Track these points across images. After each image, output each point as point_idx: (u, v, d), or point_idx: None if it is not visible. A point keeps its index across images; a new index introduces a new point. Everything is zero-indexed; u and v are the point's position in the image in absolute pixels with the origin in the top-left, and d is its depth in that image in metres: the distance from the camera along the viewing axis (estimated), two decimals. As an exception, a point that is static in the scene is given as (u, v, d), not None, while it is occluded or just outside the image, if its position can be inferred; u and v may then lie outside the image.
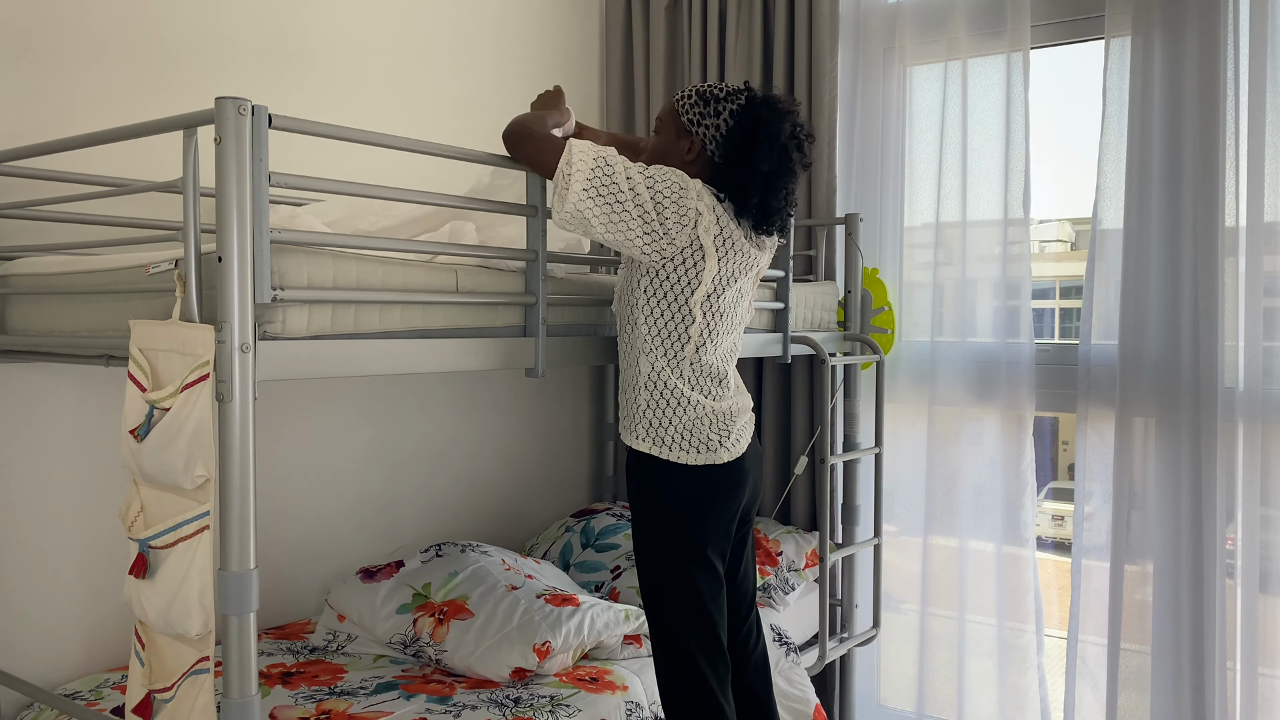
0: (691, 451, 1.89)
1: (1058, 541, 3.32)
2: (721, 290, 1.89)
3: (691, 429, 1.89)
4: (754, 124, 1.88)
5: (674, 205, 1.81)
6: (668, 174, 1.83)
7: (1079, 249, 3.07)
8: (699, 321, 1.88)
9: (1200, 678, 2.57)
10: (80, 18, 2.17)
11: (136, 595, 1.55)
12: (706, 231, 1.84)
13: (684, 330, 1.88)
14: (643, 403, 1.91)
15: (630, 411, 1.93)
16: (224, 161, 1.41)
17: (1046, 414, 2.98)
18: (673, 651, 1.90)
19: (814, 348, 2.68)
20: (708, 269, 1.85)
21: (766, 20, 3.15)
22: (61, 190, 2.12)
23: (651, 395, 1.90)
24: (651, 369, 1.90)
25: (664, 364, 1.89)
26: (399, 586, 2.40)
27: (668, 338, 1.88)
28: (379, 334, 1.68)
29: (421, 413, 2.93)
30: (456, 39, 2.98)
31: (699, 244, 1.84)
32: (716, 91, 1.93)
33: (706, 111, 1.92)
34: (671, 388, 1.89)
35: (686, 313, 1.87)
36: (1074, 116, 2.93)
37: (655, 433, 1.90)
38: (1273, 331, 2.49)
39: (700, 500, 1.90)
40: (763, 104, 1.90)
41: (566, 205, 1.77)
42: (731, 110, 1.90)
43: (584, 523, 2.94)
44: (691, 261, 1.85)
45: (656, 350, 1.89)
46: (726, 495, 1.92)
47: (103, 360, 1.77)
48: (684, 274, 1.85)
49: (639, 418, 1.91)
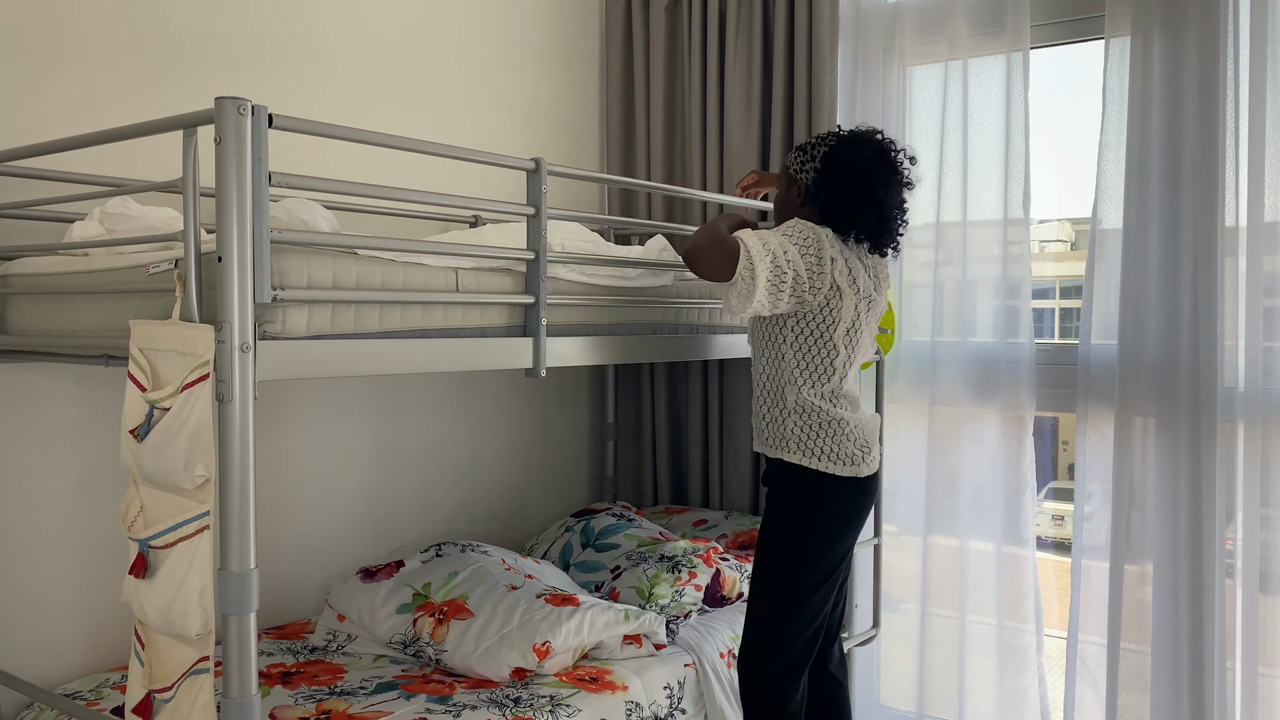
0: (839, 464, 2.08)
1: (1058, 541, 3.32)
2: (856, 322, 2.09)
3: (839, 445, 2.08)
4: (838, 157, 2.09)
5: (815, 260, 2.02)
6: (802, 232, 2.04)
7: (1079, 249, 3.07)
8: (842, 354, 2.09)
9: (1200, 677, 2.56)
10: (80, 18, 2.17)
11: (136, 595, 1.55)
12: (841, 274, 2.05)
13: (830, 363, 2.08)
14: (792, 424, 2.10)
15: (778, 432, 2.12)
16: (224, 161, 1.41)
17: (1046, 414, 2.98)
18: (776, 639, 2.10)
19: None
20: (845, 306, 2.07)
21: (766, 20, 3.15)
22: (61, 190, 2.12)
23: (801, 418, 2.09)
24: (798, 396, 2.09)
25: (810, 393, 2.09)
26: (399, 586, 2.40)
27: (815, 370, 2.08)
28: (379, 334, 1.68)
29: (421, 413, 2.93)
30: (456, 39, 2.98)
31: (836, 286, 2.05)
32: (812, 140, 2.15)
33: (805, 159, 2.14)
34: (822, 411, 2.09)
35: (831, 347, 2.08)
36: (1074, 116, 2.93)
37: (806, 448, 2.09)
38: (1273, 331, 2.49)
39: (843, 507, 2.10)
40: (846, 139, 2.11)
41: (751, 307, 2.03)
42: (823, 153, 2.11)
43: (584, 523, 2.94)
44: (833, 304, 2.05)
45: (802, 380, 2.09)
46: (863, 505, 2.14)
47: (103, 360, 1.77)
48: (827, 314, 2.06)
49: (789, 437, 2.10)
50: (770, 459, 2.16)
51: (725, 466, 3.28)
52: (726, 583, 2.63)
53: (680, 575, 2.59)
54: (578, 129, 3.40)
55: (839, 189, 2.07)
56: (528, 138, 3.21)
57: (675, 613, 2.53)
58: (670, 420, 3.39)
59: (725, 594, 2.62)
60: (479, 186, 3.04)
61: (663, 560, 2.65)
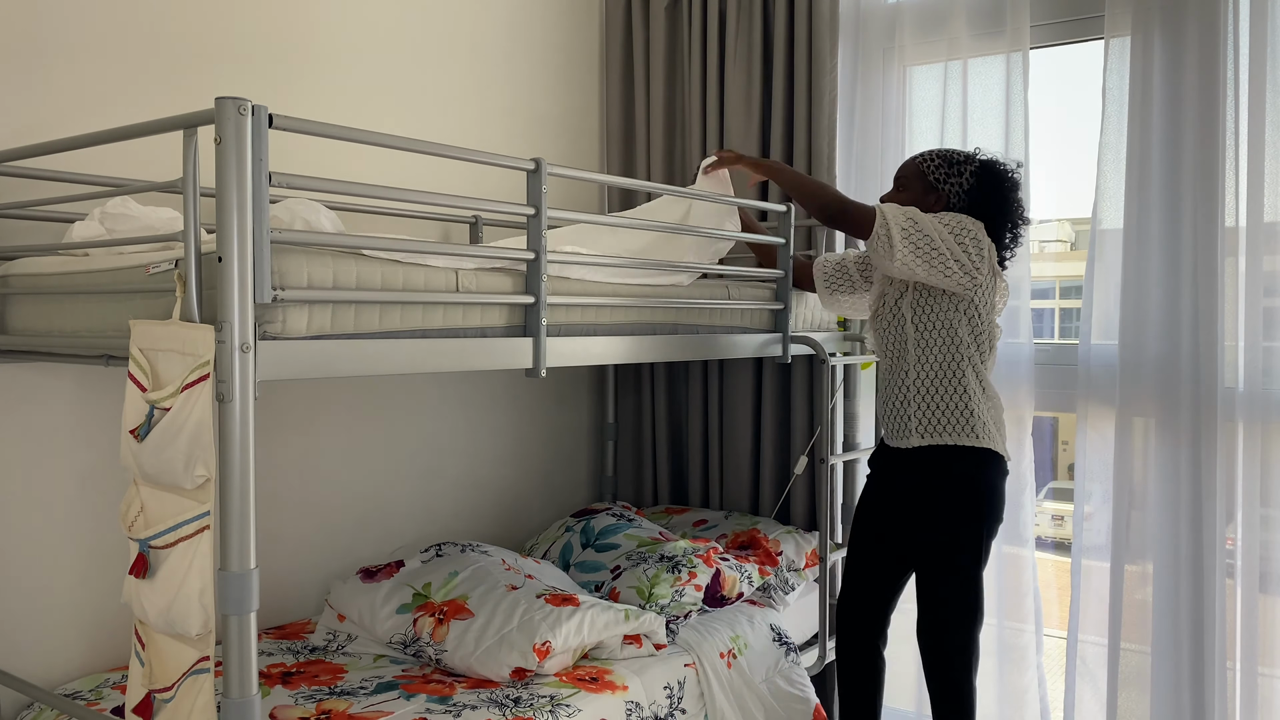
0: (999, 441, 2.28)
1: (1058, 541, 3.32)
2: (997, 309, 2.32)
3: (997, 421, 2.29)
4: (993, 180, 2.30)
5: (974, 244, 2.21)
6: (962, 220, 2.23)
7: (1079, 249, 3.07)
8: (996, 335, 2.30)
9: (1200, 677, 2.57)
10: (80, 18, 2.17)
11: (136, 595, 1.55)
12: (994, 263, 2.27)
13: (988, 342, 2.29)
14: (954, 404, 2.26)
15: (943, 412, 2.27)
16: (224, 161, 1.41)
17: (1046, 414, 2.98)
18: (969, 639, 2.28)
19: (814, 347, 2.68)
20: (999, 291, 2.31)
21: (766, 20, 3.15)
22: (61, 190, 2.12)
23: (963, 396, 2.26)
24: (978, 375, 2.27)
25: (971, 371, 2.27)
26: (399, 586, 2.40)
27: (978, 349, 2.27)
28: (379, 334, 1.68)
29: (421, 413, 2.93)
30: (456, 39, 2.98)
31: (996, 272, 2.28)
32: (955, 155, 2.34)
33: (951, 172, 2.33)
34: (985, 387, 2.29)
35: (989, 326, 2.29)
36: (1074, 117, 2.93)
37: (974, 426, 2.25)
38: (1273, 331, 2.49)
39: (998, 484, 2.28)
40: (993, 164, 2.33)
41: (895, 261, 2.21)
42: (971, 170, 2.32)
43: (584, 523, 2.94)
44: (990, 287, 2.27)
45: (967, 358, 2.26)
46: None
47: (103, 360, 1.77)
48: (986, 297, 2.27)
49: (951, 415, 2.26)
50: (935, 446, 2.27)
51: (725, 466, 3.28)
52: (726, 583, 2.63)
53: (680, 575, 2.59)
54: (578, 129, 3.40)
55: (991, 208, 2.29)
56: (528, 138, 3.21)
57: (675, 613, 2.53)
58: (670, 420, 3.39)
59: (725, 594, 2.62)
60: (479, 187, 3.04)
61: (663, 560, 2.65)
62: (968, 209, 2.31)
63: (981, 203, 2.30)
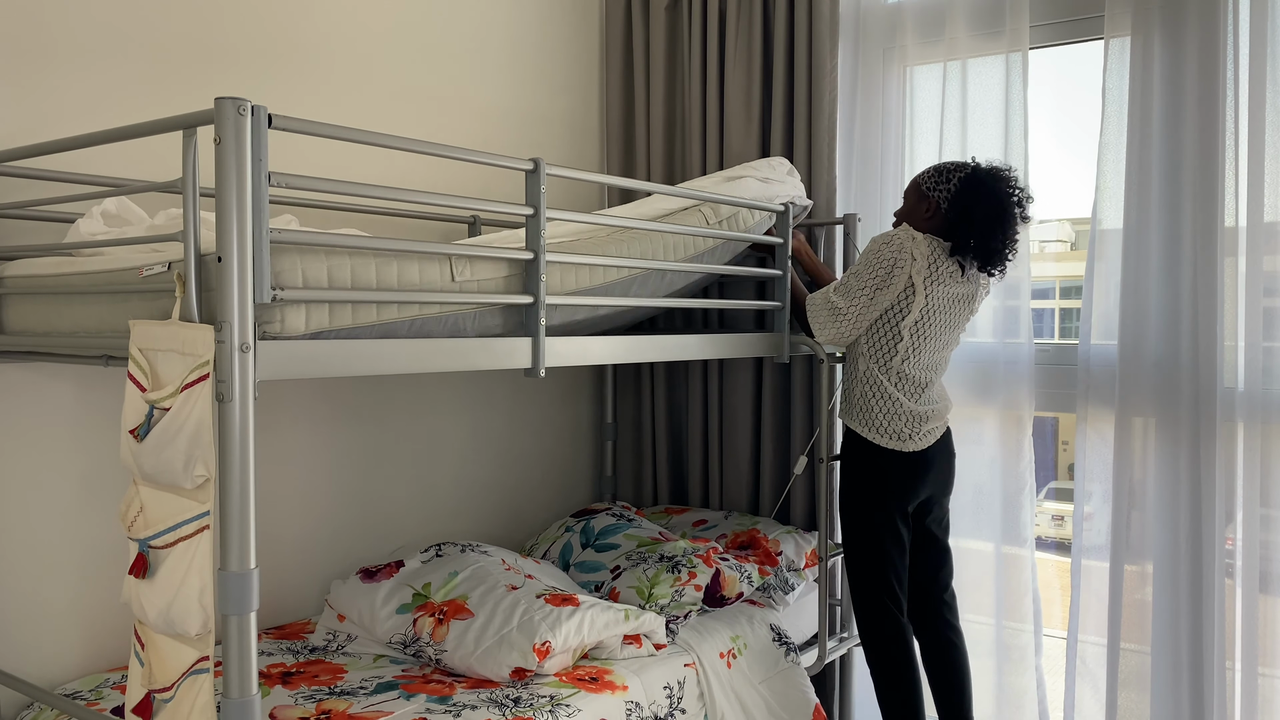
0: (889, 437, 2.45)
1: (1058, 541, 3.32)
2: (928, 318, 2.43)
3: (891, 421, 2.45)
4: (975, 185, 2.40)
5: (885, 273, 2.39)
6: (878, 254, 2.40)
7: (1079, 249, 3.07)
8: (905, 340, 2.43)
9: (1200, 678, 2.57)
10: (80, 18, 2.17)
11: (136, 595, 1.55)
12: (918, 273, 2.39)
13: (893, 346, 2.44)
14: (858, 394, 2.50)
15: (849, 400, 2.54)
16: (224, 161, 1.41)
17: (1046, 414, 2.98)
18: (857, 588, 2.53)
19: (812, 348, 2.68)
20: (917, 302, 2.41)
21: (766, 20, 3.15)
22: (61, 190, 2.12)
23: (864, 389, 2.48)
24: (867, 369, 2.48)
25: (876, 368, 2.46)
26: (399, 586, 2.40)
27: (881, 350, 2.45)
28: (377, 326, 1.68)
29: (421, 413, 2.93)
30: (456, 39, 2.98)
31: (912, 284, 2.40)
32: (949, 165, 2.47)
33: (940, 180, 2.46)
34: (881, 386, 2.45)
35: (897, 333, 2.43)
36: (1074, 117, 2.93)
37: (865, 418, 2.48)
38: (1273, 331, 2.49)
39: (888, 475, 2.47)
40: (985, 172, 2.42)
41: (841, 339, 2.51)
42: (960, 178, 2.43)
43: (584, 523, 2.94)
44: (904, 298, 2.41)
45: (871, 356, 2.47)
46: (908, 477, 2.48)
47: (103, 360, 1.77)
48: (897, 306, 2.42)
49: (853, 405, 2.52)
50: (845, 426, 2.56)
51: (725, 466, 3.28)
52: (726, 583, 2.63)
53: (680, 575, 2.59)
54: (578, 129, 3.40)
55: (962, 213, 2.39)
56: (528, 138, 3.21)
57: (675, 613, 2.53)
58: (670, 420, 3.39)
59: (725, 594, 2.62)
60: (479, 187, 3.04)
61: (663, 560, 2.65)
62: (951, 213, 2.43)
63: (959, 206, 2.41)
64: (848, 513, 2.54)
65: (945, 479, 2.57)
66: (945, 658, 2.60)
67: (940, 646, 2.60)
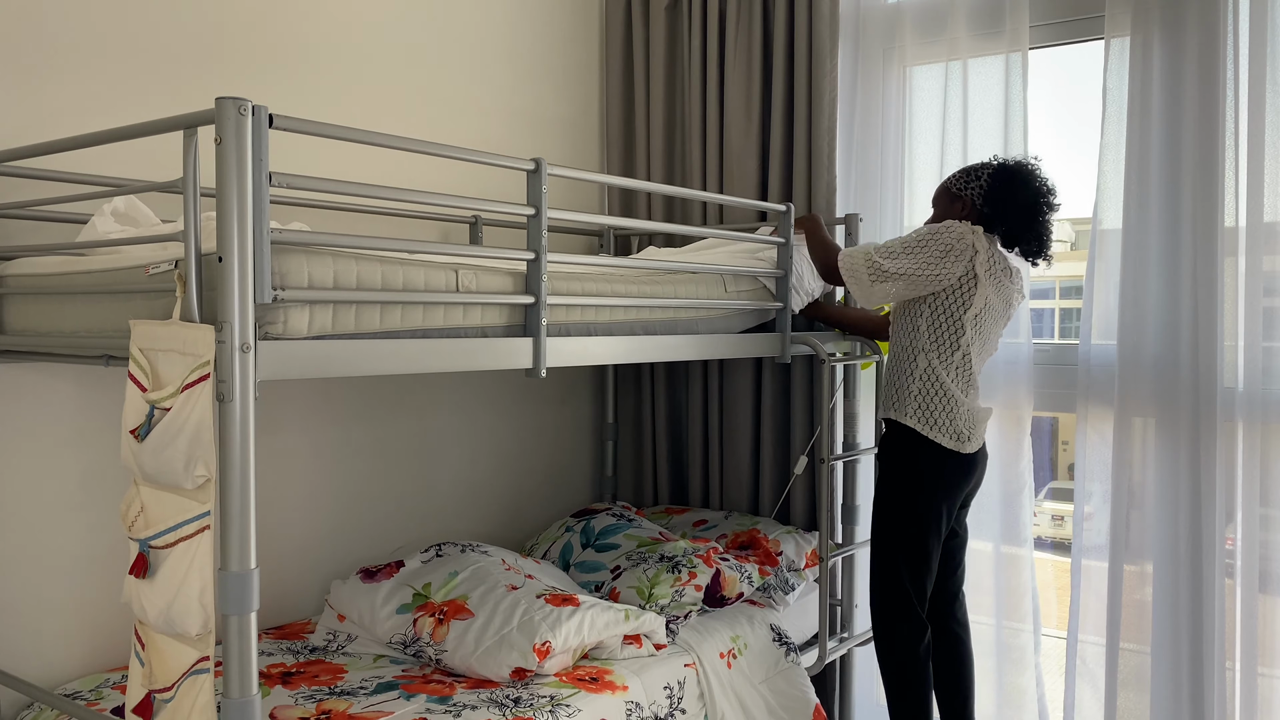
0: (949, 437, 2.42)
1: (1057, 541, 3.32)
2: (986, 312, 2.42)
3: (952, 420, 2.43)
4: (1009, 176, 2.43)
5: (948, 252, 2.37)
6: (938, 234, 2.39)
7: (1079, 249, 3.07)
8: (968, 334, 2.42)
9: (1199, 678, 2.57)
10: (80, 18, 2.17)
11: (136, 595, 1.55)
12: (981, 265, 2.38)
13: (956, 339, 2.42)
14: (916, 390, 2.45)
15: (902, 395, 2.47)
16: (224, 161, 1.41)
17: (1046, 414, 2.98)
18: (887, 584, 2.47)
19: (813, 348, 2.68)
20: (979, 294, 2.40)
21: (766, 20, 3.15)
22: (61, 190, 2.12)
23: (924, 386, 2.44)
24: (928, 366, 2.44)
25: (938, 363, 2.43)
26: (399, 586, 2.40)
27: (944, 344, 2.42)
28: (380, 334, 1.68)
29: (421, 412, 2.93)
30: (456, 39, 2.98)
31: (974, 274, 2.39)
32: (975, 165, 2.50)
33: (970, 180, 2.48)
34: (942, 383, 2.42)
35: (960, 326, 2.41)
36: (1074, 117, 2.93)
37: (924, 415, 2.43)
38: (1273, 331, 2.49)
39: (944, 475, 2.44)
40: (1014, 164, 2.45)
41: (871, 300, 2.47)
42: (989, 173, 2.46)
43: (584, 523, 2.94)
44: (966, 288, 2.39)
45: (933, 351, 2.43)
46: (961, 477, 2.46)
47: (103, 360, 1.77)
48: (960, 297, 2.40)
49: (910, 401, 2.45)
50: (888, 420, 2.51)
51: (725, 466, 3.28)
52: (726, 583, 2.63)
53: (680, 575, 2.59)
54: (578, 129, 3.40)
55: (1000, 204, 2.42)
56: (528, 138, 3.21)
57: (675, 613, 2.53)
58: (670, 420, 3.39)
59: (725, 594, 2.62)
60: (479, 187, 3.04)
61: (663, 560, 2.65)
62: (987, 208, 2.44)
63: (998, 200, 2.42)
64: (894, 509, 2.48)
65: (979, 482, 2.58)
66: (953, 655, 2.59)
67: (949, 644, 2.60)
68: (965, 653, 2.61)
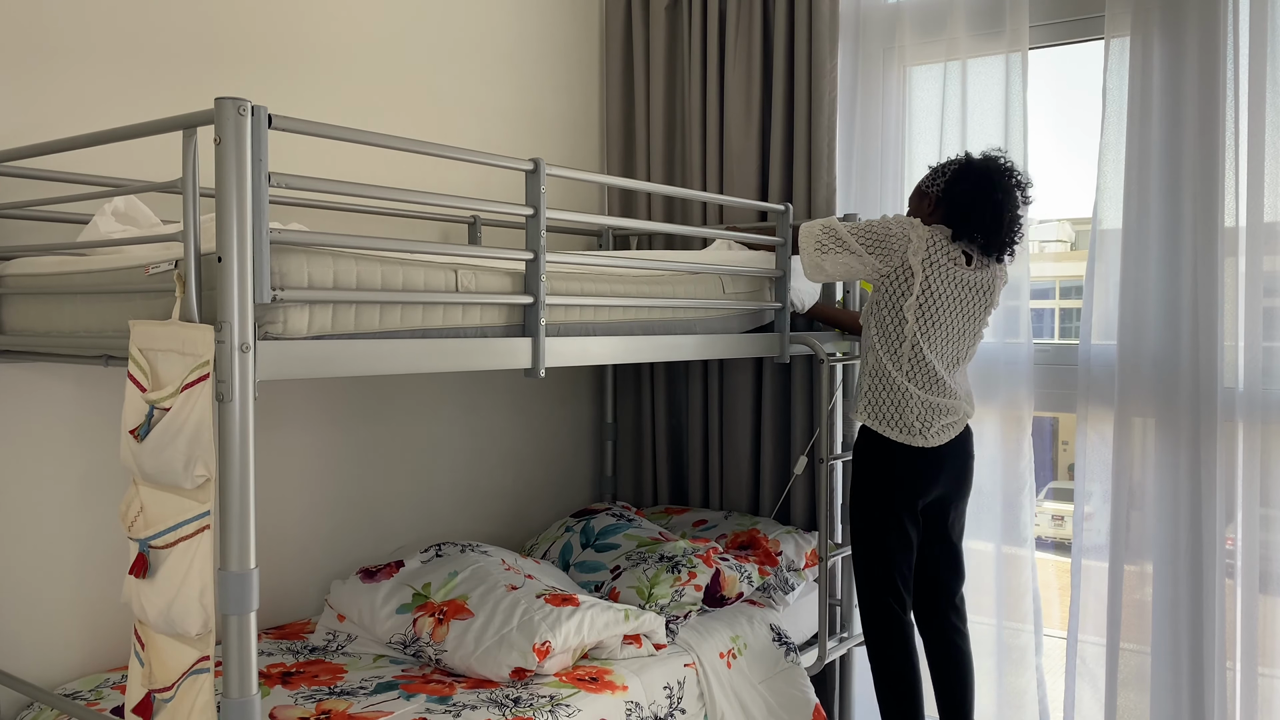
0: (898, 430, 2.42)
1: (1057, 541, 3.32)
2: (932, 301, 2.39)
3: (901, 413, 2.42)
4: (966, 173, 2.44)
5: (881, 241, 2.41)
6: (881, 223, 2.43)
7: (1079, 249, 3.07)
8: (910, 323, 2.40)
9: (1200, 678, 2.57)
10: (80, 18, 2.17)
11: (136, 595, 1.55)
12: (914, 254, 2.38)
13: (900, 329, 2.41)
14: (866, 386, 2.47)
15: (858, 392, 2.51)
16: (224, 161, 1.41)
17: (1046, 414, 2.98)
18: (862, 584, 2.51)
19: (812, 348, 2.68)
20: (915, 284, 2.39)
21: (766, 20, 3.15)
22: (61, 190, 2.12)
23: (873, 381, 2.46)
24: (876, 361, 2.45)
25: (885, 357, 2.43)
26: (399, 586, 2.40)
27: (889, 336, 2.43)
28: (379, 334, 1.69)
29: (421, 413, 2.93)
30: (456, 39, 2.98)
31: (908, 266, 2.39)
32: (945, 162, 2.51)
33: (936, 176, 2.50)
34: (889, 376, 2.43)
35: (901, 316, 2.40)
36: (1074, 117, 2.93)
37: (873, 410, 2.45)
38: (1273, 331, 2.49)
39: (894, 470, 2.44)
40: (977, 161, 2.45)
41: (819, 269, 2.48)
42: (952, 170, 2.47)
43: (584, 523, 2.94)
44: (903, 277, 2.40)
45: (881, 347, 2.44)
46: (920, 473, 2.44)
47: (103, 360, 1.77)
48: (898, 286, 2.40)
49: (861, 397, 2.48)
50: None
51: (725, 466, 3.28)
52: (726, 583, 2.63)
53: (680, 575, 2.59)
54: (578, 129, 3.40)
55: (956, 199, 2.42)
56: (528, 138, 3.21)
57: (675, 613, 2.53)
58: (670, 420, 3.39)
59: (725, 594, 2.62)
60: (478, 187, 3.04)
61: (662, 560, 2.65)
62: (945, 202, 2.45)
63: (951, 195, 2.44)
64: (855, 508, 2.51)
65: (960, 481, 2.52)
66: (949, 658, 2.58)
67: (944, 647, 2.58)
68: (962, 659, 2.59)
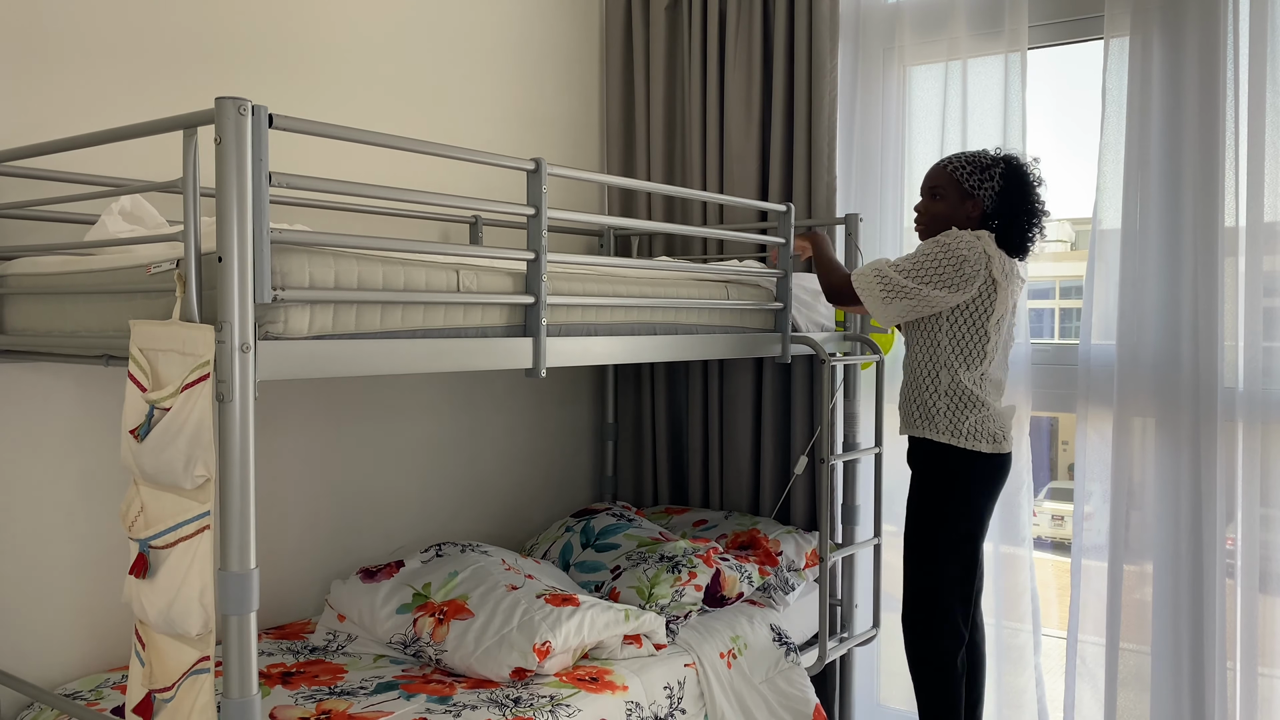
0: (987, 443, 2.40)
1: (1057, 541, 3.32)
2: (1005, 315, 2.41)
3: (986, 426, 2.40)
4: (1014, 176, 2.41)
5: (956, 271, 2.33)
6: (943, 252, 2.34)
7: (1079, 249, 3.07)
8: (992, 340, 2.40)
9: (1200, 677, 2.57)
10: (80, 18, 2.17)
11: (137, 595, 1.55)
12: (998, 270, 2.36)
13: (982, 347, 2.40)
14: (944, 406, 2.42)
15: (929, 412, 2.44)
16: (224, 161, 1.41)
17: (1046, 414, 2.98)
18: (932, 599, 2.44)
19: (814, 347, 2.68)
20: (1000, 299, 2.38)
21: (766, 20, 3.15)
22: (61, 190, 2.12)
23: (951, 401, 2.41)
24: (953, 378, 2.40)
25: (964, 375, 2.40)
26: (399, 586, 2.40)
27: (969, 354, 2.40)
28: (380, 334, 1.68)
29: (421, 413, 2.93)
30: (456, 39, 2.98)
31: (992, 280, 2.36)
32: (983, 159, 2.44)
33: (984, 177, 2.43)
34: (971, 395, 2.40)
35: (984, 334, 2.39)
36: (1073, 117, 2.93)
37: (955, 428, 2.40)
38: (1273, 331, 2.49)
39: (985, 479, 2.42)
40: (1020, 167, 2.44)
41: (886, 320, 2.44)
42: (999, 173, 2.42)
43: (584, 523, 2.94)
44: (987, 295, 2.37)
45: (958, 364, 2.40)
46: (1000, 477, 2.45)
47: (103, 360, 1.77)
48: (981, 305, 2.37)
49: (939, 418, 2.42)
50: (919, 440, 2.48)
51: (725, 466, 3.28)
52: (726, 583, 2.63)
53: (680, 575, 2.59)
54: (578, 129, 3.40)
55: (1012, 202, 2.40)
56: (528, 138, 3.21)
57: (675, 613, 2.53)
58: (670, 420, 3.39)
59: (725, 594, 2.62)
60: (479, 187, 3.04)
61: (663, 560, 2.65)
62: (997, 209, 2.42)
63: (1009, 202, 2.41)
64: (942, 520, 2.43)
65: None
66: (973, 659, 2.59)
67: (970, 648, 2.59)
68: (980, 655, 2.60)
